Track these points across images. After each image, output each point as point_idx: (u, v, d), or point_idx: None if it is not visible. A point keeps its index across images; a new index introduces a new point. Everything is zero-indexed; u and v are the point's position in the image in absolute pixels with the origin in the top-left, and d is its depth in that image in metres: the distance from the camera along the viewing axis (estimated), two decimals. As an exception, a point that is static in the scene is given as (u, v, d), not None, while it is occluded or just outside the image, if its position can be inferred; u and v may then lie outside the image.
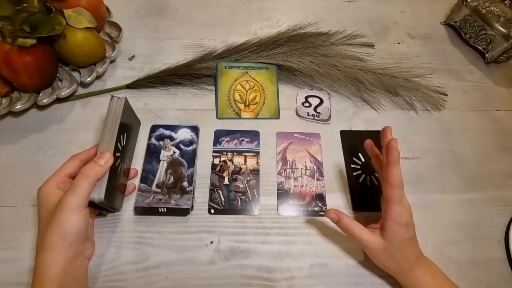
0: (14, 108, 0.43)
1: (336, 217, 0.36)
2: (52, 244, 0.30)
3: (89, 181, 0.32)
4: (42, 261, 0.30)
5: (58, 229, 0.30)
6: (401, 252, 0.34)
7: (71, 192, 0.31)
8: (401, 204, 0.34)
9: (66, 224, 0.30)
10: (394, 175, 0.34)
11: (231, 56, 0.53)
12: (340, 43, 0.57)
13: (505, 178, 0.46)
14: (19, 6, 0.38)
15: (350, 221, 0.36)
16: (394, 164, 0.34)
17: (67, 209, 0.30)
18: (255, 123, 0.48)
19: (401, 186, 0.34)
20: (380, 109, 0.51)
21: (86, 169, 0.32)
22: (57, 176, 0.34)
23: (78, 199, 0.31)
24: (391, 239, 0.34)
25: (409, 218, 0.34)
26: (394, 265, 0.35)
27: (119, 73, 0.51)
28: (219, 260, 0.38)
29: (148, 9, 0.60)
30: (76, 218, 0.31)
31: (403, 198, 0.34)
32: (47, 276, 0.30)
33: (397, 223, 0.33)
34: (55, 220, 0.30)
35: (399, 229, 0.34)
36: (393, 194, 0.34)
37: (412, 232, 0.35)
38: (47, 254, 0.30)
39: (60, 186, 0.33)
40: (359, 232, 0.35)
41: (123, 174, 0.39)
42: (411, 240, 0.35)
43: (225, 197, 0.42)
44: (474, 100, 0.54)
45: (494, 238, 0.42)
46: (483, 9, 0.56)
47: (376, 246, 0.35)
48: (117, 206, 0.38)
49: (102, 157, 0.34)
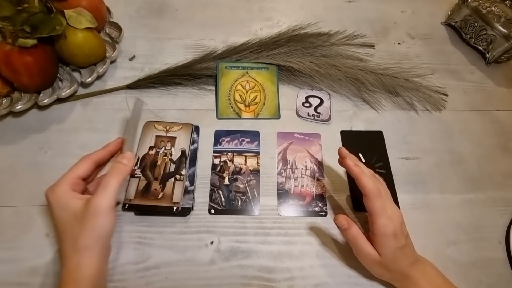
0: (15, 108, 0.43)
1: (346, 224, 0.35)
2: (87, 247, 0.30)
3: (118, 181, 0.32)
4: (76, 263, 0.30)
5: (92, 232, 0.30)
6: (394, 262, 0.34)
7: (102, 194, 0.31)
8: (385, 215, 0.33)
9: (102, 226, 0.31)
10: (366, 186, 0.33)
11: (232, 56, 0.53)
12: (341, 44, 0.57)
13: (506, 178, 0.46)
14: (19, 7, 0.38)
15: (358, 233, 0.35)
16: (359, 176, 0.34)
17: (101, 211, 0.30)
18: (256, 123, 0.48)
19: (378, 195, 0.33)
20: (380, 109, 0.51)
21: (113, 170, 0.33)
22: (70, 177, 0.33)
23: (110, 200, 0.31)
24: (382, 252, 0.33)
25: (396, 228, 0.33)
26: (387, 274, 0.35)
27: (119, 74, 0.51)
28: (220, 260, 0.38)
29: (149, 9, 0.60)
30: (109, 218, 0.31)
31: (385, 208, 0.33)
32: (81, 278, 0.30)
33: (384, 235, 0.33)
34: (88, 223, 0.30)
35: (387, 241, 0.33)
36: (372, 206, 0.33)
37: (402, 241, 0.33)
38: (83, 256, 0.30)
39: (75, 188, 0.33)
40: (364, 245, 0.34)
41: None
42: (403, 248, 0.33)
43: (226, 197, 0.42)
44: (474, 101, 0.53)
45: (494, 238, 0.42)
46: (484, 9, 0.56)
47: (373, 257, 0.34)
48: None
49: (126, 157, 0.35)
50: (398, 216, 0.34)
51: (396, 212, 0.34)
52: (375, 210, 0.33)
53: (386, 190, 0.36)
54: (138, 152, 0.42)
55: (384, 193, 0.34)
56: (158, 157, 0.42)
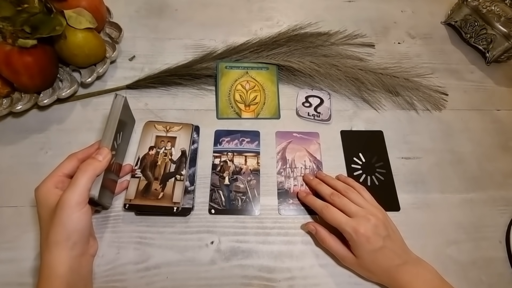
0: (15, 109, 0.43)
1: (314, 229, 0.38)
2: (56, 243, 0.30)
3: (88, 176, 0.32)
4: (47, 260, 0.30)
5: (60, 228, 0.30)
6: (373, 264, 0.34)
7: (70, 189, 0.31)
8: (348, 222, 0.35)
9: (69, 221, 0.30)
10: (312, 206, 0.38)
11: (232, 56, 0.53)
12: (341, 43, 0.57)
13: (506, 177, 0.46)
14: (19, 7, 0.38)
15: (327, 235, 0.37)
16: (316, 185, 0.40)
17: (67, 206, 0.30)
18: (256, 123, 0.48)
19: (324, 207, 0.37)
20: (380, 109, 0.51)
21: (84, 165, 0.33)
22: (55, 175, 0.33)
23: (78, 195, 0.31)
24: (357, 254, 0.34)
25: (367, 230, 0.34)
26: (373, 276, 0.35)
27: (119, 74, 0.51)
28: (220, 260, 0.38)
29: (149, 9, 0.60)
30: (78, 215, 0.30)
31: (344, 215, 0.36)
32: (54, 276, 0.29)
33: (351, 240, 0.34)
34: (56, 218, 0.30)
35: (359, 245, 0.34)
36: (328, 220, 0.36)
37: (378, 243, 0.33)
38: (52, 253, 0.30)
39: (58, 186, 0.33)
40: (334, 246, 0.36)
41: (115, 172, 0.39)
42: (381, 250, 0.33)
43: (226, 197, 0.42)
44: (474, 100, 0.53)
45: (495, 238, 0.42)
46: (484, 8, 0.55)
47: (350, 260, 0.35)
48: (107, 203, 0.38)
49: (100, 153, 0.34)
50: (373, 219, 0.35)
51: (369, 214, 0.35)
52: (334, 222, 0.36)
53: (352, 191, 0.38)
54: (138, 152, 0.42)
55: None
56: (158, 157, 0.42)
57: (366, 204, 0.37)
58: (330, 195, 0.38)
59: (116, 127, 0.37)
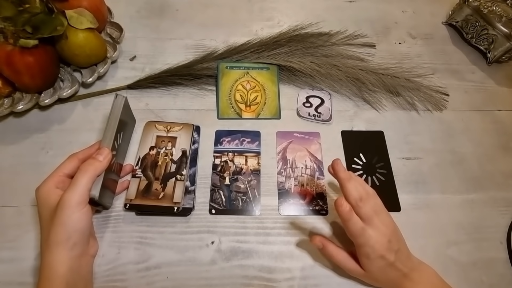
0: (16, 109, 0.43)
1: (321, 245, 0.35)
2: (57, 243, 0.30)
3: (89, 176, 0.32)
4: (48, 260, 0.30)
5: (61, 228, 0.30)
6: (383, 275, 0.34)
7: (71, 189, 0.31)
8: (367, 242, 0.32)
9: (69, 222, 0.30)
10: (349, 191, 0.33)
11: (232, 56, 0.53)
12: (341, 43, 0.57)
13: (507, 178, 0.46)
14: (21, 7, 0.38)
15: (335, 250, 0.35)
16: (344, 181, 0.34)
17: (68, 206, 0.30)
18: (256, 124, 0.48)
19: (351, 213, 0.32)
20: (381, 109, 0.51)
21: (85, 165, 0.33)
22: (56, 175, 0.34)
23: (79, 195, 0.31)
24: (367, 269, 0.34)
25: (381, 248, 0.32)
26: (377, 284, 0.35)
27: (120, 74, 0.51)
28: (220, 260, 0.38)
29: (149, 9, 0.60)
30: (78, 215, 0.31)
31: (367, 231, 0.32)
32: (54, 275, 0.29)
33: (368, 258, 0.33)
34: (57, 218, 0.30)
35: (372, 263, 0.33)
36: (350, 233, 0.33)
37: (390, 258, 0.32)
38: (52, 253, 0.30)
39: (59, 186, 0.33)
40: (342, 261, 0.35)
41: (115, 172, 0.39)
42: (392, 264, 0.33)
43: (226, 197, 0.42)
44: (475, 100, 0.53)
45: (496, 238, 0.42)
46: (485, 9, 0.55)
47: (357, 273, 0.35)
48: (108, 203, 0.38)
49: (101, 153, 0.34)
50: (385, 235, 0.33)
51: (383, 229, 0.33)
52: (355, 234, 0.32)
53: (372, 205, 0.34)
54: (139, 152, 0.42)
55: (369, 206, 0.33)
56: (159, 157, 0.42)
57: (380, 212, 0.35)
58: (358, 200, 0.33)
59: (117, 127, 0.37)
